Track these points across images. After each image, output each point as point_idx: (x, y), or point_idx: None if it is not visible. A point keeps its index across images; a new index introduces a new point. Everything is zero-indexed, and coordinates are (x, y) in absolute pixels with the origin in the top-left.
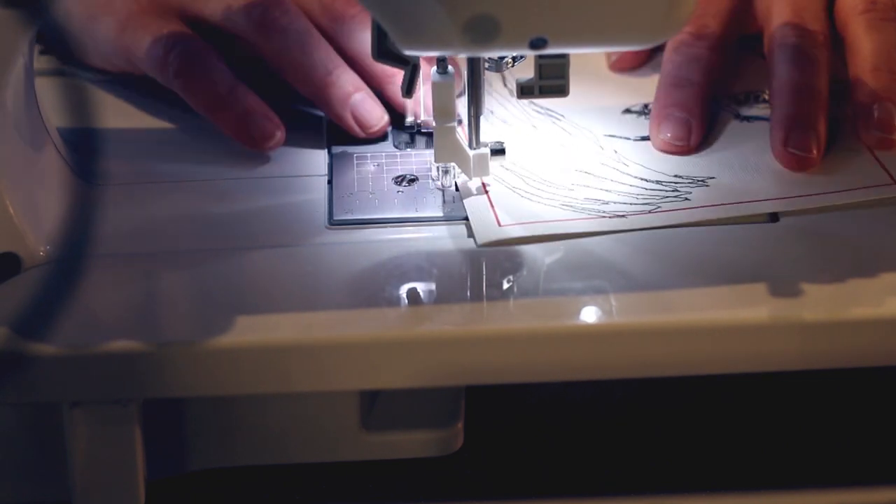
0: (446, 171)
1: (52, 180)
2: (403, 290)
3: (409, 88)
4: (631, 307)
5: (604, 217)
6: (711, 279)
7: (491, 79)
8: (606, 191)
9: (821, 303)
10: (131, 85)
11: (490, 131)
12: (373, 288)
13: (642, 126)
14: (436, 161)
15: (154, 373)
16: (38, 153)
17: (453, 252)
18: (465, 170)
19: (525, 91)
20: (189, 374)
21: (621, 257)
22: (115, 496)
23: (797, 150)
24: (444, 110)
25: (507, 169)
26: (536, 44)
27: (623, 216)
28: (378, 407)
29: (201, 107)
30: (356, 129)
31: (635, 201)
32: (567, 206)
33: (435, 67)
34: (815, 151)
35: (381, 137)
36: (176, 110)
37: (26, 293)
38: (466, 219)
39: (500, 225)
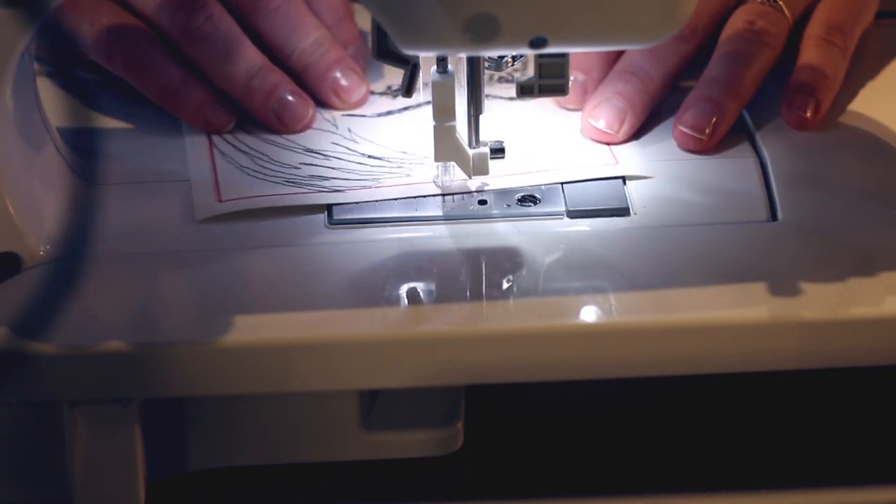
0: (446, 170)
1: (52, 180)
2: (403, 290)
3: (408, 88)
4: (631, 307)
5: (322, 192)
6: (711, 279)
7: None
8: (331, 168)
9: (821, 302)
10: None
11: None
12: (373, 288)
13: (383, 104)
14: (435, 160)
15: (154, 373)
16: (38, 153)
17: (453, 252)
18: (465, 169)
19: (525, 90)
20: (189, 374)
21: (621, 257)
22: (115, 496)
23: (688, 128)
24: (443, 109)
25: (240, 151)
26: (536, 43)
27: (341, 191)
28: (378, 407)
29: (155, 98)
30: (280, 128)
31: (358, 177)
32: (290, 182)
33: (435, 66)
34: (707, 133)
35: None
36: None
37: (26, 293)
38: (466, 218)
39: (220, 201)
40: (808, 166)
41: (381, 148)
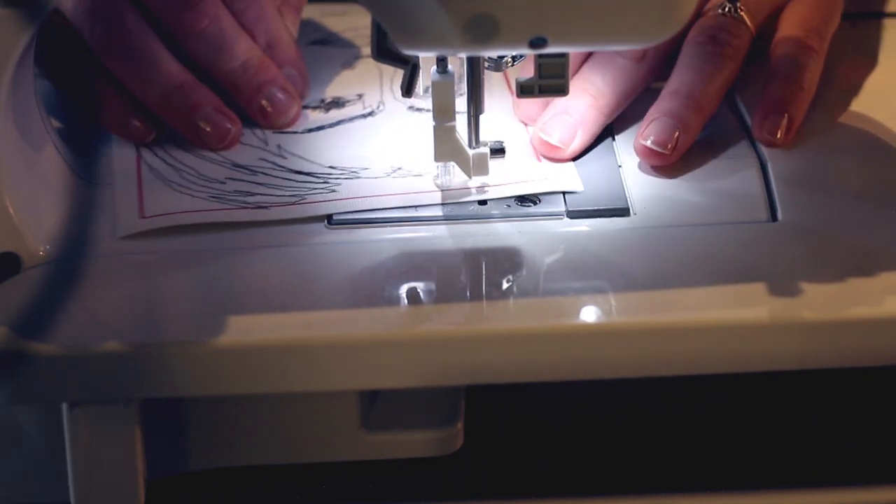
0: (446, 170)
1: (52, 180)
2: (403, 290)
3: (408, 88)
4: (631, 307)
5: (246, 208)
6: (711, 279)
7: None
8: (258, 184)
9: (821, 303)
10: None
11: None
12: (373, 288)
13: (315, 119)
14: (435, 160)
15: (154, 373)
16: (38, 153)
17: (453, 252)
18: (465, 169)
19: (525, 90)
20: (189, 374)
21: (621, 257)
22: (115, 496)
23: (651, 143)
24: (443, 109)
25: (167, 164)
26: (536, 43)
27: (265, 207)
28: (378, 407)
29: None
30: (201, 144)
31: (283, 193)
32: (215, 198)
33: (435, 66)
34: (670, 148)
35: None
36: None
37: (26, 293)
38: (466, 218)
39: (143, 217)
40: (808, 166)
41: (308, 163)
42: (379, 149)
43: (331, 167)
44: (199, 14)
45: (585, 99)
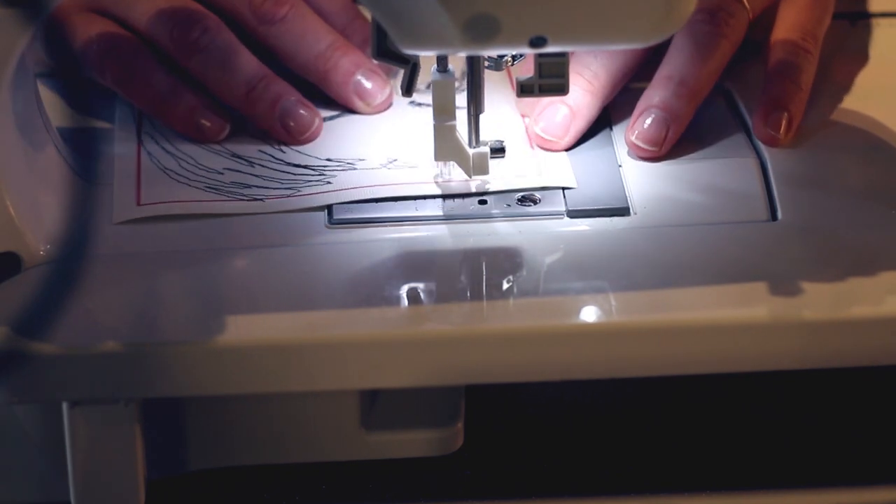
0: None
1: (52, 180)
2: (403, 290)
3: (408, 87)
4: (631, 307)
5: (242, 200)
6: (711, 279)
7: None
8: (254, 175)
9: (821, 303)
10: None
11: None
12: (373, 287)
13: None
14: (435, 159)
15: (154, 373)
16: (38, 153)
17: (453, 252)
18: (465, 168)
19: (525, 90)
20: (189, 374)
21: (621, 257)
22: (115, 496)
23: (642, 141)
24: (444, 109)
25: (167, 152)
26: (536, 42)
27: (261, 200)
28: (378, 407)
29: (146, 109)
30: (287, 138)
31: (279, 186)
32: (211, 188)
33: (435, 66)
34: (660, 143)
35: None
36: None
37: (26, 293)
38: (466, 218)
39: (139, 204)
40: (808, 166)
41: (305, 156)
42: (377, 141)
43: (328, 159)
44: (277, 3)
45: (580, 83)
